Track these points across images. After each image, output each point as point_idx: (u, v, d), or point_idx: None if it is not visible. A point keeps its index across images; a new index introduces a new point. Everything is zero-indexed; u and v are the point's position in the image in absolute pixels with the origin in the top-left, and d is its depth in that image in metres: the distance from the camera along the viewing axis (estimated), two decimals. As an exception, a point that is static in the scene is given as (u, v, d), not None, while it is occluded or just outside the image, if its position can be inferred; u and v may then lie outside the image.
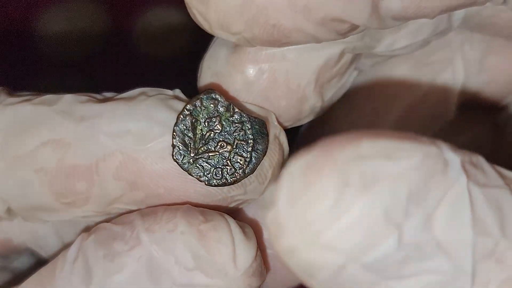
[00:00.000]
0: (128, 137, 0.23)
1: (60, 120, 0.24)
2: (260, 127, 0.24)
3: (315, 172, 0.17)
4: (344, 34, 0.22)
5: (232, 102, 0.24)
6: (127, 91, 0.25)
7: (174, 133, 0.23)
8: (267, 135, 0.24)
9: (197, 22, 0.22)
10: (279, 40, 0.22)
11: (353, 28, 0.22)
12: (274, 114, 0.25)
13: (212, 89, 0.24)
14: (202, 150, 0.24)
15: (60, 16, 0.58)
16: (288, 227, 0.18)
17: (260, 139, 0.24)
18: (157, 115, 0.24)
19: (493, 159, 0.29)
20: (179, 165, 0.24)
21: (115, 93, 0.25)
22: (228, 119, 0.24)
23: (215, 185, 0.24)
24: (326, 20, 0.22)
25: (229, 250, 0.23)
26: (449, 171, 0.18)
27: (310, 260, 0.18)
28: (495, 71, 0.28)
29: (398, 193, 0.17)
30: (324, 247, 0.17)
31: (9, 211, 0.25)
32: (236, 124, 0.24)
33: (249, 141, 0.24)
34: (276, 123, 0.25)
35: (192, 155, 0.24)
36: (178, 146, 0.23)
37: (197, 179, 0.24)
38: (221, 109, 0.24)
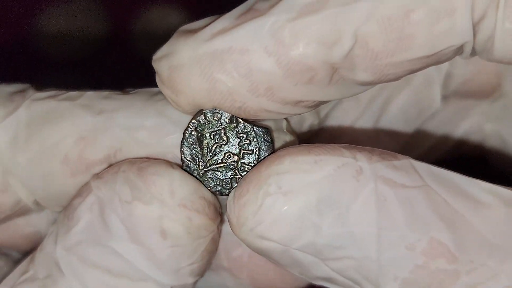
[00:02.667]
0: (142, 132, 0.24)
1: (81, 113, 0.25)
2: (264, 135, 0.24)
3: (247, 185, 0.22)
4: (313, 107, 0.24)
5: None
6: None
7: (182, 149, 0.24)
8: (272, 142, 0.24)
9: (172, 105, 0.24)
10: (247, 118, 0.24)
11: (322, 102, 0.23)
12: (287, 120, 0.25)
13: None
14: (210, 163, 0.24)
15: (60, 16, 0.58)
16: (233, 224, 0.23)
17: (264, 146, 0.24)
18: (171, 113, 0.24)
19: (483, 151, 0.30)
20: None
21: (136, 90, 0.26)
22: (232, 130, 0.24)
23: (226, 195, 0.24)
24: (290, 100, 0.23)
25: (166, 181, 0.24)
26: (361, 177, 0.22)
27: (257, 246, 0.23)
28: (484, 60, 0.28)
29: (310, 198, 0.22)
30: (261, 238, 0.22)
31: (37, 202, 0.26)
32: (241, 135, 0.24)
33: (255, 150, 0.24)
34: (286, 130, 0.25)
35: (201, 168, 0.24)
36: (186, 161, 0.24)
37: (208, 190, 0.24)
38: (225, 122, 0.24)
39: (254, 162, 0.24)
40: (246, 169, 0.24)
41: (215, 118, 0.24)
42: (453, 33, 0.22)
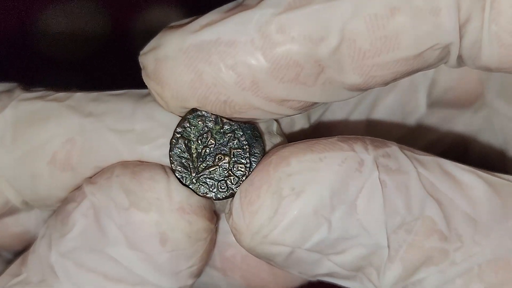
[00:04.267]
0: (131, 135, 0.24)
1: (69, 114, 0.25)
2: (252, 131, 0.24)
3: (256, 190, 0.22)
4: (299, 109, 0.23)
5: (219, 115, 0.24)
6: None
7: (171, 158, 0.24)
8: (261, 137, 0.24)
9: (158, 103, 0.24)
10: (232, 116, 0.23)
11: (310, 104, 0.23)
12: (278, 123, 0.25)
13: (196, 107, 0.24)
14: (202, 168, 0.24)
15: (60, 16, 0.58)
16: (242, 233, 0.23)
17: (254, 142, 0.24)
18: (160, 117, 0.24)
19: (465, 159, 0.30)
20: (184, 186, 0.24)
21: (125, 90, 0.26)
22: (219, 132, 0.24)
23: (223, 198, 0.24)
24: (275, 98, 0.23)
25: (162, 186, 0.23)
26: (363, 169, 0.23)
27: (266, 252, 0.23)
28: (467, 68, 0.29)
29: (322, 195, 0.22)
30: (273, 243, 0.22)
31: (25, 202, 0.26)
32: (228, 134, 0.24)
33: (245, 147, 0.24)
34: (276, 133, 0.25)
35: (193, 174, 0.24)
36: (177, 170, 0.24)
37: (204, 196, 0.24)
38: (210, 124, 0.24)
39: (246, 159, 0.24)
40: (239, 168, 0.24)
41: (199, 122, 0.24)
42: (438, 32, 0.22)
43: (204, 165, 0.24)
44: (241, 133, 0.24)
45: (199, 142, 0.24)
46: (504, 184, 0.23)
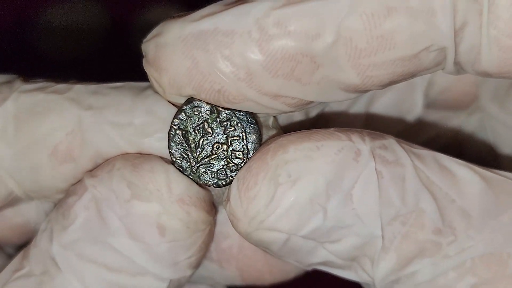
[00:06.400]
0: (131, 129, 0.25)
1: (69, 107, 0.25)
2: (247, 118, 0.24)
3: (254, 177, 0.23)
4: (293, 106, 0.24)
5: (214, 104, 0.24)
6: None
7: (170, 150, 0.24)
8: (256, 123, 0.25)
9: (155, 89, 0.24)
10: (225, 106, 0.24)
11: (306, 102, 0.24)
12: (274, 117, 0.26)
13: (192, 97, 0.24)
14: (201, 157, 0.25)
15: (59, 13, 0.58)
16: (240, 219, 0.23)
17: (250, 129, 0.25)
18: (159, 111, 0.25)
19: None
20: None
21: (124, 83, 0.26)
22: (215, 121, 0.24)
23: (223, 185, 0.25)
24: (268, 91, 0.23)
25: (162, 177, 0.24)
26: (360, 158, 0.23)
27: (262, 239, 0.23)
28: None
29: (318, 184, 0.22)
30: (269, 229, 0.23)
31: (26, 193, 0.26)
32: (224, 123, 0.24)
33: (241, 135, 0.24)
34: (272, 126, 0.26)
35: (193, 164, 0.25)
36: (177, 161, 0.24)
37: (205, 185, 0.25)
38: (206, 114, 0.24)
39: (244, 146, 0.24)
40: (237, 155, 0.24)
41: (195, 113, 0.24)
42: (433, 33, 0.22)
43: (202, 154, 0.25)
44: (237, 121, 0.24)
45: (196, 132, 0.24)
46: (499, 180, 0.24)
